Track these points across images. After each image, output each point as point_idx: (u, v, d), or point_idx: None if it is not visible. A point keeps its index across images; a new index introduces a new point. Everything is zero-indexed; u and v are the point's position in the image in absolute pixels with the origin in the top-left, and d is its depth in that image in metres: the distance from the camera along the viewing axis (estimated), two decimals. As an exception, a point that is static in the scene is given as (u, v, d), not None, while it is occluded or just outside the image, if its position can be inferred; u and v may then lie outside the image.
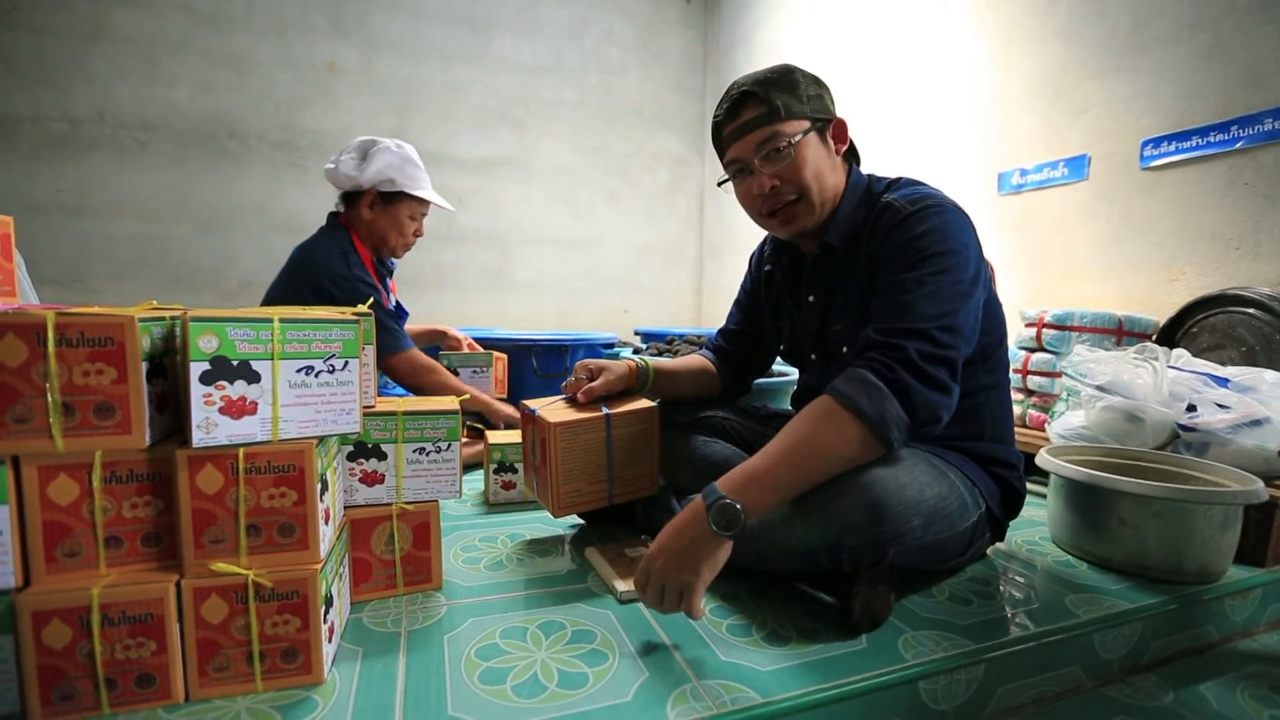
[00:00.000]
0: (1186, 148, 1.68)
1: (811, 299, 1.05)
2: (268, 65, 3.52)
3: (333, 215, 1.63)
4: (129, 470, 0.64)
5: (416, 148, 1.63)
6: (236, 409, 0.64)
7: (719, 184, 1.04)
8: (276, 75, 3.55)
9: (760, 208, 0.99)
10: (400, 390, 1.70)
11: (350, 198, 1.60)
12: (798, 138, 0.93)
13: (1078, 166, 1.95)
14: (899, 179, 1.01)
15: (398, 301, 1.74)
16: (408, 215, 1.60)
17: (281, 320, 0.67)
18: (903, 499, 0.80)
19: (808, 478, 0.78)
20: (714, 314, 4.43)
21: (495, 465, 1.32)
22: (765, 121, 0.93)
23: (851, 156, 1.05)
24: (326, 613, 0.71)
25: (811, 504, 0.81)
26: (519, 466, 1.33)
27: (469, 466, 1.60)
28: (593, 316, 4.30)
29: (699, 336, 2.46)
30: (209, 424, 0.63)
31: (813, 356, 1.09)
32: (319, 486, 0.69)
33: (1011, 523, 1.07)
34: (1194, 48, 1.68)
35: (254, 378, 0.65)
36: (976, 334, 0.89)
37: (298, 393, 0.68)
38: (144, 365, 0.62)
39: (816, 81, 0.98)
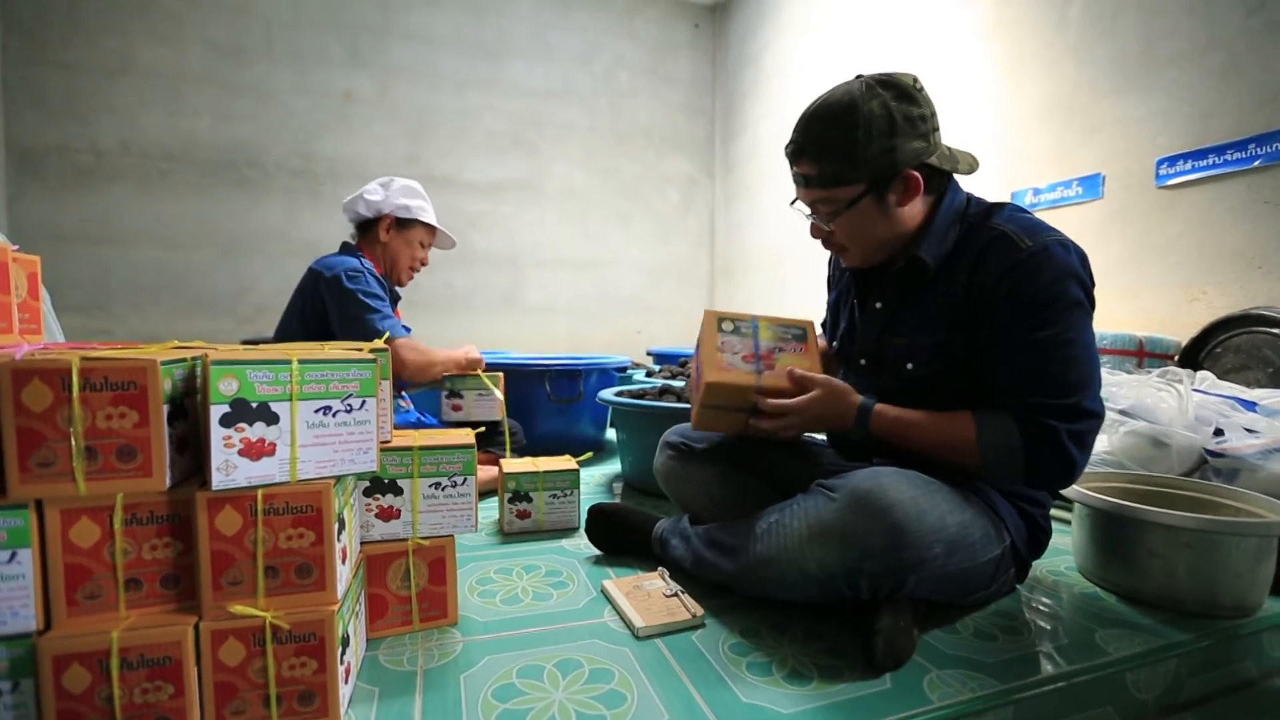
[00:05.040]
0: (1203, 166, 1.66)
1: (879, 305, 1.03)
2: (286, 95, 3.61)
3: (346, 244, 1.71)
4: (149, 512, 0.64)
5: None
6: (255, 450, 0.65)
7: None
8: (294, 104, 3.63)
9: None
10: (431, 420, 1.71)
11: (365, 227, 1.69)
12: (847, 205, 0.93)
13: (1092, 185, 1.93)
14: (998, 204, 0.98)
15: (405, 327, 1.76)
16: (419, 241, 1.73)
17: (300, 361, 0.67)
18: (923, 525, 0.80)
19: (921, 451, 0.93)
20: (726, 333, 4.41)
21: (510, 494, 1.32)
22: (818, 184, 0.94)
23: (940, 181, 0.97)
24: (343, 654, 0.70)
25: (831, 528, 0.81)
26: (534, 495, 1.32)
27: (482, 495, 1.60)
28: (605, 338, 4.31)
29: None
30: (228, 466, 0.63)
31: (862, 362, 1.07)
32: (336, 526, 0.69)
33: (1035, 553, 1.04)
34: (1208, 67, 1.67)
35: (273, 419, 0.65)
36: None
37: (316, 433, 0.68)
38: (165, 408, 0.62)
39: (890, 130, 0.88)
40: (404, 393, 1.79)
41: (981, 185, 2.31)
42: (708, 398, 1.00)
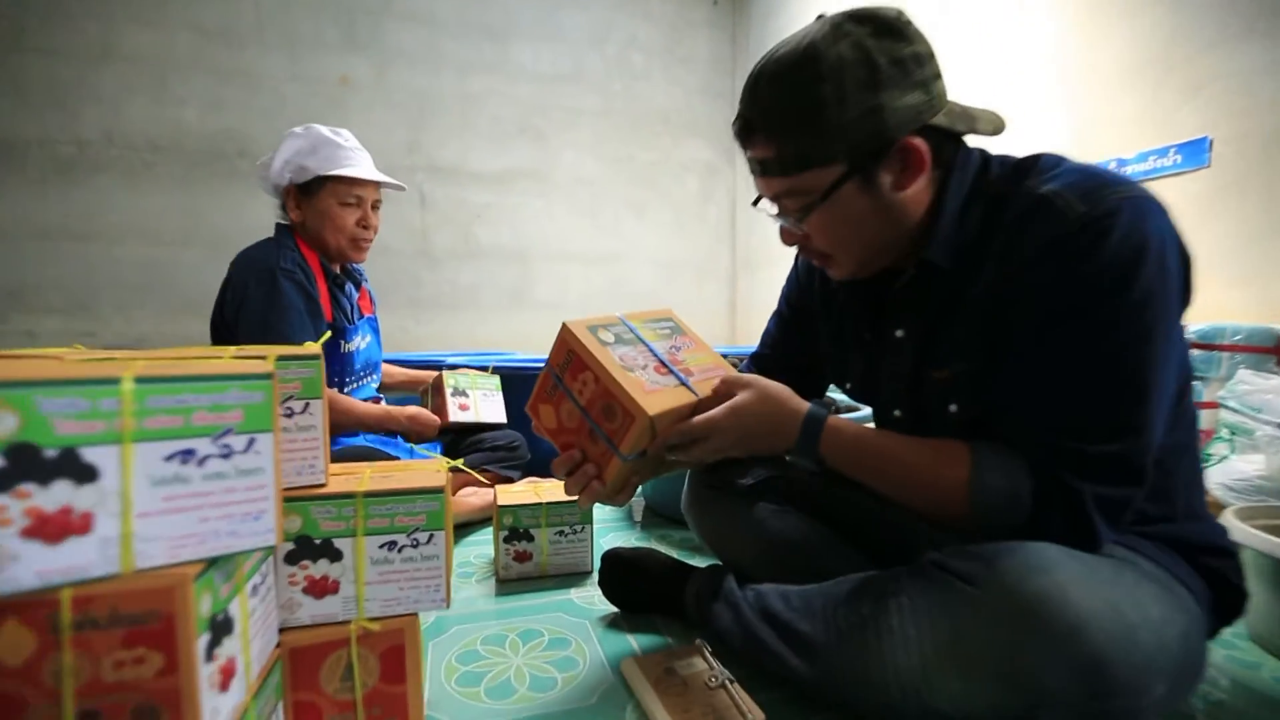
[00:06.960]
0: (1348, 122, 1.36)
1: (900, 333, 0.74)
2: (278, 81, 3.39)
3: (280, 225, 1.37)
4: (-119, 631, 0.39)
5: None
6: (54, 529, 0.39)
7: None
8: (287, 91, 3.41)
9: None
10: (430, 450, 1.45)
11: (285, 205, 1.35)
12: (822, 196, 0.65)
13: (1195, 152, 1.64)
14: (1039, 158, 0.68)
15: (370, 317, 1.49)
16: (336, 203, 1.29)
17: (139, 380, 0.42)
18: (1137, 653, 0.51)
19: (889, 490, 0.68)
20: (749, 331, 4.15)
21: (506, 531, 1.07)
22: (777, 170, 0.66)
23: (949, 148, 0.68)
24: (222, 834, 0.45)
25: (977, 652, 0.53)
26: (536, 533, 1.07)
27: (476, 524, 1.35)
28: (619, 336, 4.05)
29: (736, 357, 2.18)
30: (3, 556, 0.38)
31: (896, 414, 0.78)
32: (205, 639, 0.44)
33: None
34: (1352, 1, 1.37)
35: (86, 475, 0.40)
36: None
37: (166, 493, 0.43)
38: (-98, 460, 0.37)
39: (871, 80, 0.61)
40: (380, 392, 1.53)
41: (1050, 158, 2.01)
42: (638, 442, 0.65)
